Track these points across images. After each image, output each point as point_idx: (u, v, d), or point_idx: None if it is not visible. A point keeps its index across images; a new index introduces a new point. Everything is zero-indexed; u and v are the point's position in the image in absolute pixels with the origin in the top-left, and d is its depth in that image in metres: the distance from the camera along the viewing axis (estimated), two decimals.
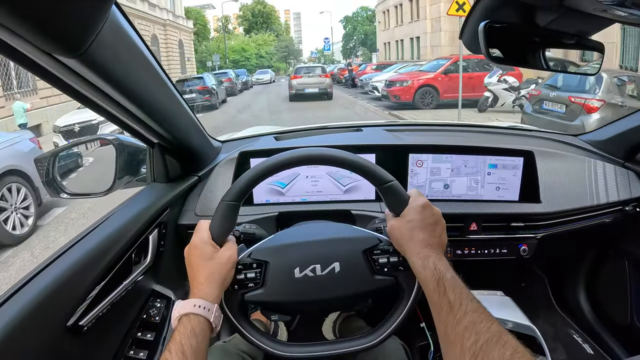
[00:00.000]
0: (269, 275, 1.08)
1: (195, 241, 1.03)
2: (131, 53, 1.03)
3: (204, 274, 0.99)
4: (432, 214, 1.04)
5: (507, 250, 1.79)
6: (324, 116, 16.16)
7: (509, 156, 1.72)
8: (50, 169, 1.52)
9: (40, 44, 0.74)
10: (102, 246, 1.21)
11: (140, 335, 1.43)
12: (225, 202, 1.04)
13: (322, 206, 1.75)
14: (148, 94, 1.17)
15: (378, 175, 1.06)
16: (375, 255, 1.10)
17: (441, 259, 0.95)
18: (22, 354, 0.93)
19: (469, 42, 1.13)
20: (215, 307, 0.96)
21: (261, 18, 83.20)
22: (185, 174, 1.72)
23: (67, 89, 0.99)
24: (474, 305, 0.84)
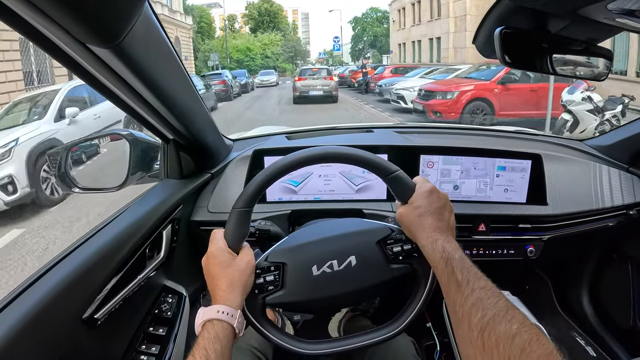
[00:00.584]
0: (287, 277, 1.09)
1: (212, 250, 1.04)
2: (160, 50, 1.05)
3: (226, 282, 1.00)
4: (439, 198, 1.06)
5: (514, 251, 1.81)
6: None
7: (517, 159, 1.74)
8: (63, 163, 1.52)
9: (77, 33, 0.76)
10: (117, 240, 1.22)
11: (152, 330, 1.43)
12: (238, 209, 1.05)
13: (334, 205, 1.77)
14: (171, 89, 1.19)
15: (383, 166, 1.08)
16: (389, 244, 1.11)
17: (450, 241, 0.97)
18: (39, 344, 0.94)
19: (482, 47, 1.15)
20: (238, 313, 0.98)
21: (268, 17, 78.90)
22: (198, 171, 1.74)
23: (92, 81, 1.01)
24: (482, 283, 0.86)
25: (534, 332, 0.74)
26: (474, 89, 12.81)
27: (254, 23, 79.02)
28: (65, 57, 0.88)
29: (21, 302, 0.95)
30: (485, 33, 1.09)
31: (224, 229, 1.08)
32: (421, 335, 1.85)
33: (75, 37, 0.78)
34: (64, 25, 0.72)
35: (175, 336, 1.43)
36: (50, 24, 0.71)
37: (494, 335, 0.75)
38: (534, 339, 0.73)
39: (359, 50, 76.60)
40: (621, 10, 0.85)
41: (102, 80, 1.02)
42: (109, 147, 1.76)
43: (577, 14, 0.92)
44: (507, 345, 0.73)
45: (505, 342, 0.73)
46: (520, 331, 0.74)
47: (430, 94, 13.44)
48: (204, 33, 65.28)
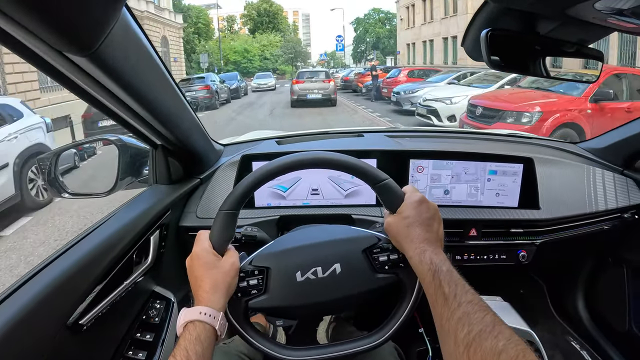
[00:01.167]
0: (271, 281, 1.08)
1: (197, 251, 1.03)
2: (140, 54, 1.04)
3: (209, 283, 0.99)
4: (428, 209, 1.05)
5: (506, 256, 1.80)
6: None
7: (508, 163, 1.73)
8: (52, 168, 1.51)
9: (52, 42, 0.74)
10: (103, 246, 1.21)
11: (139, 335, 1.42)
12: (224, 212, 1.05)
13: (323, 210, 1.76)
14: (154, 95, 1.18)
15: (372, 174, 1.07)
16: (375, 253, 1.10)
17: (438, 253, 0.96)
18: (22, 350, 0.93)
19: (471, 49, 1.14)
20: (220, 315, 0.97)
21: (267, 17, 76.76)
22: (187, 176, 1.73)
23: (74, 88, 1.00)
24: (469, 297, 0.85)
25: (520, 348, 0.73)
26: (559, 109, 8.47)
27: (253, 24, 77.27)
28: (45, 64, 0.87)
29: (4, 309, 0.94)
30: (474, 36, 1.08)
31: (209, 231, 1.07)
32: (413, 341, 1.83)
33: (51, 46, 0.77)
34: (38, 34, 0.71)
35: (163, 342, 1.42)
36: (25, 32, 0.70)
37: (480, 351, 0.74)
38: (520, 356, 0.71)
39: (361, 52, 75.18)
40: (610, 10, 0.84)
41: (84, 87, 1.01)
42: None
43: (565, 14, 0.91)
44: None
45: (491, 359, 0.72)
46: (506, 347, 0.72)
47: (492, 113, 9.06)
48: (202, 34, 64.18)
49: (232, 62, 66.03)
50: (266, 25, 76.33)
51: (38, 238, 5.84)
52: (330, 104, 20.35)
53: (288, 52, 74.63)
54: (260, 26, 76.26)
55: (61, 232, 5.97)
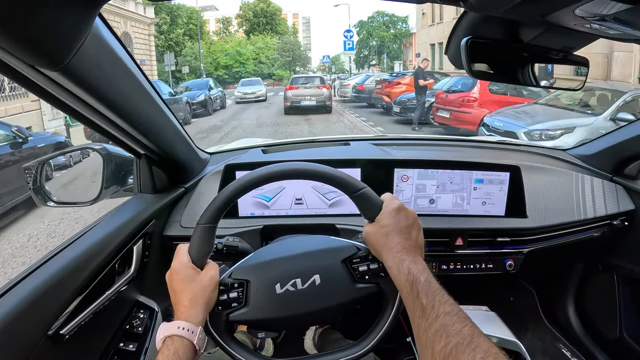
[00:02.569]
0: (251, 294, 1.07)
1: (176, 265, 1.02)
2: (114, 65, 1.03)
3: (188, 297, 0.98)
4: (407, 217, 1.03)
5: (492, 265, 1.80)
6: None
7: (495, 171, 1.73)
8: (38, 177, 1.51)
9: (22, 56, 0.74)
10: (85, 255, 1.21)
11: (122, 345, 1.42)
12: (201, 225, 1.04)
13: (307, 220, 1.75)
14: (132, 106, 1.17)
15: (349, 183, 1.06)
16: (355, 263, 1.09)
17: (416, 262, 0.94)
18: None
19: (454, 58, 1.13)
20: (199, 330, 0.95)
21: (264, 18, 69.21)
22: (171, 185, 1.72)
23: (51, 99, 0.99)
24: (447, 308, 0.83)
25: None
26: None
27: (249, 25, 70.20)
28: (21, 77, 0.87)
29: None
30: (455, 44, 1.07)
31: (188, 244, 1.06)
32: (400, 350, 1.82)
33: (23, 60, 0.77)
34: (7, 49, 0.71)
35: (146, 351, 1.43)
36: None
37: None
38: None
39: (364, 57, 68.76)
40: (590, 16, 0.83)
41: (62, 100, 1.00)
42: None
43: (547, 21, 0.90)
44: None
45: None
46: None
47: None
48: (193, 36, 58.62)
49: (223, 66, 60.89)
50: (263, 26, 69.92)
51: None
52: (325, 111, 19.96)
53: (285, 54, 67.70)
54: (257, 27, 69.89)
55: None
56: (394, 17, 65.82)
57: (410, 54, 60.85)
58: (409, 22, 65.24)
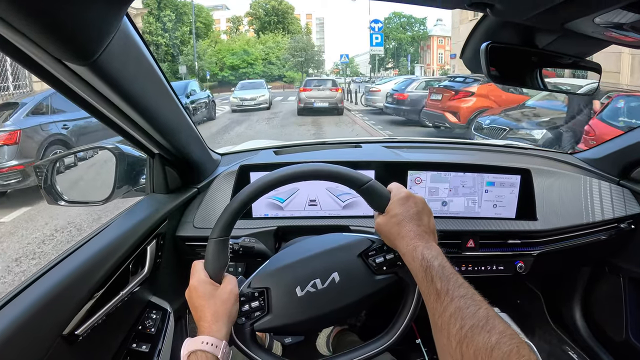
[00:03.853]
0: (272, 301, 1.07)
1: (194, 283, 1.03)
2: (139, 64, 1.04)
3: (210, 312, 0.98)
4: (416, 203, 1.04)
5: (503, 267, 1.80)
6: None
7: (506, 174, 1.73)
8: (49, 175, 1.52)
9: (52, 50, 0.75)
10: (99, 256, 1.21)
11: (135, 346, 1.41)
12: (214, 240, 1.04)
13: (320, 221, 1.75)
14: (152, 104, 1.18)
15: (354, 178, 1.06)
16: (371, 256, 1.09)
17: (430, 247, 0.95)
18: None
19: (469, 61, 1.15)
20: (223, 344, 0.96)
21: (275, 17, 65.30)
22: (184, 186, 1.72)
23: (72, 96, 1.00)
24: (462, 292, 0.84)
25: (514, 342, 0.72)
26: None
27: (260, 23, 66.11)
28: (43, 71, 0.87)
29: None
30: (473, 48, 1.08)
31: (203, 260, 1.06)
32: (410, 352, 1.83)
33: (50, 54, 0.77)
34: (38, 42, 0.71)
35: (159, 352, 1.42)
36: (24, 40, 0.70)
37: (473, 347, 0.74)
38: (514, 351, 0.70)
39: (380, 60, 63.69)
40: (609, 24, 0.84)
41: (82, 95, 1.01)
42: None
43: (564, 28, 0.91)
44: (485, 357, 0.71)
45: (484, 354, 0.72)
46: (499, 342, 0.72)
47: None
48: (200, 34, 55.87)
49: (230, 67, 56.39)
50: (274, 25, 65.90)
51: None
52: (337, 113, 20.13)
53: (297, 54, 62.38)
54: (268, 26, 65.66)
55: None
56: (411, 19, 63.90)
57: (427, 57, 59.13)
58: (426, 24, 63.58)
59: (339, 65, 58.10)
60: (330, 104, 20.06)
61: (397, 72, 58.74)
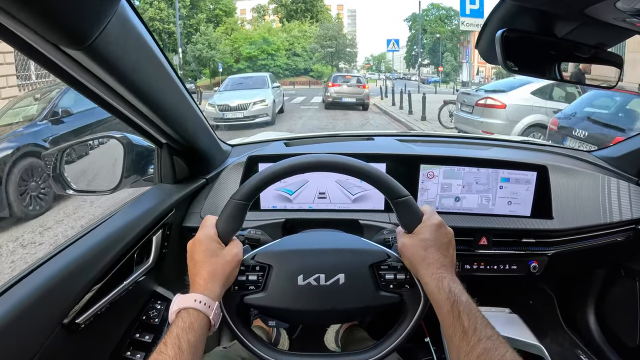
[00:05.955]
0: (271, 280, 1.06)
1: (201, 236, 1.01)
2: (140, 49, 1.02)
3: (208, 270, 0.97)
4: (446, 234, 1.02)
5: (517, 267, 1.76)
6: None
7: (522, 170, 1.70)
8: (58, 164, 1.52)
9: (46, 34, 0.74)
10: (103, 244, 1.21)
11: (138, 336, 1.42)
12: (235, 201, 1.02)
13: (329, 214, 1.73)
14: (156, 92, 1.16)
15: (393, 188, 1.04)
16: (382, 270, 1.07)
17: (455, 281, 0.93)
18: (16, 347, 0.93)
19: (485, 51, 1.12)
20: (216, 305, 0.94)
21: (303, 4, 57.01)
22: (192, 176, 1.72)
23: (73, 82, 0.99)
24: (489, 332, 0.83)
25: None
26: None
27: (285, 12, 57.82)
28: (43, 58, 0.87)
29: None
30: (488, 36, 1.05)
31: (217, 217, 1.05)
32: (419, 350, 1.80)
33: (46, 39, 0.76)
34: (32, 26, 0.71)
35: None
36: (20, 25, 0.70)
37: None
38: None
39: (415, 56, 61.96)
40: (631, 10, 0.81)
41: (85, 83, 1.00)
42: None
43: (584, 14, 0.87)
44: None
45: None
46: None
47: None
48: (219, 22, 50.50)
49: (246, 57, 49.38)
50: (302, 13, 57.36)
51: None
52: (362, 108, 20.38)
53: (327, 44, 53.97)
54: (295, 15, 57.37)
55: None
56: (451, 11, 59.69)
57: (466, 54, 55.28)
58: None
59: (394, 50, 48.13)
60: (358, 99, 20.26)
61: (442, 69, 55.93)
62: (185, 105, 1.37)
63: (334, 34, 55.90)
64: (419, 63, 57.66)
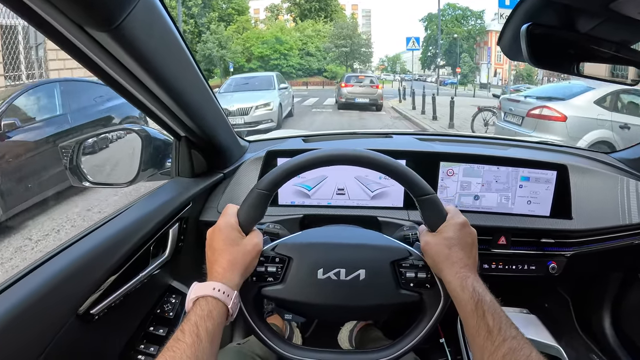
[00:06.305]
0: (290, 272, 1.06)
1: (222, 224, 1.01)
2: (164, 36, 1.03)
3: (227, 259, 0.96)
4: (470, 234, 1.02)
5: (535, 267, 1.75)
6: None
7: (542, 169, 1.69)
8: (75, 156, 1.53)
9: (73, 15, 0.74)
10: (120, 236, 1.21)
11: (152, 329, 1.43)
12: (257, 190, 1.02)
13: (348, 211, 1.73)
14: (178, 82, 1.17)
15: (419, 185, 1.03)
16: (404, 268, 1.06)
17: (479, 281, 0.93)
18: (30, 335, 0.93)
19: (507, 47, 1.11)
20: (235, 294, 0.94)
21: (316, 3, 55.56)
22: (210, 170, 1.72)
23: (94, 68, 0.99)
24: (513, 332, 0.83)
25: None
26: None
27: (299, 11, 56.50)
28: (63, 39, 0.87)
29: (13, 292, 0.94)
30: (511, 32, 1.04)
31: (238, 206, 1.05)
32: (433, 351, 1.79)
33: (71, 19, 0.76)
34: (59, 7, 0.71)
35: None
36: (46, 4, 0.71)
37: None
38: None
39: (431, 57, 61.06)
40: None
41: (108, 71, 1.01)
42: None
43: (609, 9, 0.86)
44: None
45: None
46: None
47: None
48: (231, 20, 48.92)
49: (258, 57, 48.00)
50: (315, 12, 56.02)
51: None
52: (376, 109, 20.18)
53: (341, 43, 52.74)
54: (309, 14, 56.10)
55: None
56: (467, 12, 58.28)
57: (484, 55, 54.41)
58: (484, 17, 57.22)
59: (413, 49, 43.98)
60: (371, 100, 20.05)
61: (460, 70, 54.12)
62: (206, 98, 1.38)
63: (349, 33, 54.81)
64: (437, 64, 56.34)
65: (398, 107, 20.80)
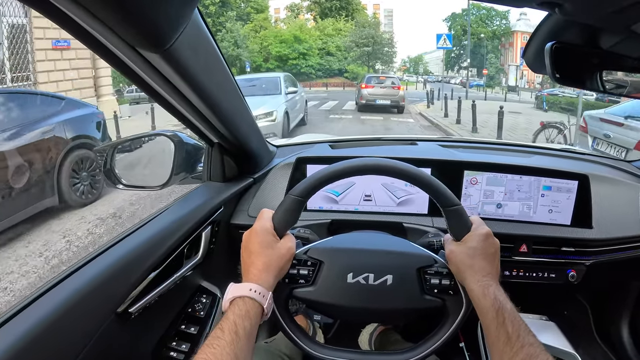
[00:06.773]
0: (321, 275, 1.10)
1: (257, 228, 1.05)
2: (208, 54, 1.08)
3: (263, 261, 1.00)
4: (493, 244, 1.05)
5: (555, 275, 1.76)
6: None
7: (564, 179, 1.70)
8: (109, 160, 1.57)
9: (128, 37, 0.78)
10: (156, 239, 1.26)
11: (184, 328, 1.47)
12: (292, 197, 1.06)
13: (374, 217, 1.76)
14: (218, 94, 1.21)
15: (446, 196, 1.06)
16: (429, 275, 1.10)
17: (500, 289, 0.96)
18: (72, 333, 0.97)
19: (532, 61, 1.14)
20: (269, 295, 0.97)
21: (337, 1, 53.69)
22: (241, 175, 1.76)
23: (141, 84, 1.05)
24: (531, 339, 0.85)
25: None
26: None
27: (320, 9, 54.53)
28: (117, 60, 0.92)
29: (58, 291, 0.99)
30: (535, 48, 1.08)
31: (273, 210, 1.09)
32: (453, 355, 1.82)
33: (126, 42, 0.80)
34: (115, 30, 0.75)
35: (206, 336, 1.45)
36: (102, 27, 0.74)
37: None
38: None
39: (455, 58, 59.51)
40: None
41: (151, 84, 1.05)
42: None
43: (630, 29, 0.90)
44: None
45: None
46: None
47: None
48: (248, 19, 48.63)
49: (276, 57, 47.11)
50: (336, 11, 54.12)
51: None
52: (397, 111, 19.76)
53: (363, 43, 50.81)
54: (329, 12, 54.16)
55: None
56: (492, 12, 55.86)
57: (509, 57, 53.13)
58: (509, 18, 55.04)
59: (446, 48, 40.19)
60: (393, 101, 19.66)
61: (486, 72, 53.31)
62: (241, 107, 1.42)
63: (372, 31, 53.00)
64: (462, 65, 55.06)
65: (426, 114, 19.34)
